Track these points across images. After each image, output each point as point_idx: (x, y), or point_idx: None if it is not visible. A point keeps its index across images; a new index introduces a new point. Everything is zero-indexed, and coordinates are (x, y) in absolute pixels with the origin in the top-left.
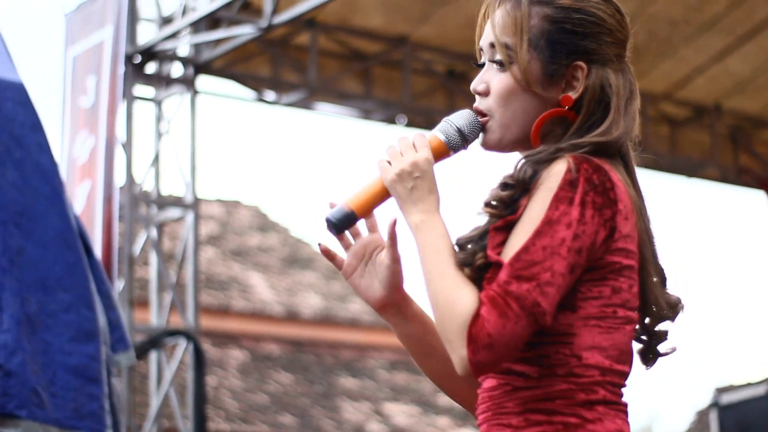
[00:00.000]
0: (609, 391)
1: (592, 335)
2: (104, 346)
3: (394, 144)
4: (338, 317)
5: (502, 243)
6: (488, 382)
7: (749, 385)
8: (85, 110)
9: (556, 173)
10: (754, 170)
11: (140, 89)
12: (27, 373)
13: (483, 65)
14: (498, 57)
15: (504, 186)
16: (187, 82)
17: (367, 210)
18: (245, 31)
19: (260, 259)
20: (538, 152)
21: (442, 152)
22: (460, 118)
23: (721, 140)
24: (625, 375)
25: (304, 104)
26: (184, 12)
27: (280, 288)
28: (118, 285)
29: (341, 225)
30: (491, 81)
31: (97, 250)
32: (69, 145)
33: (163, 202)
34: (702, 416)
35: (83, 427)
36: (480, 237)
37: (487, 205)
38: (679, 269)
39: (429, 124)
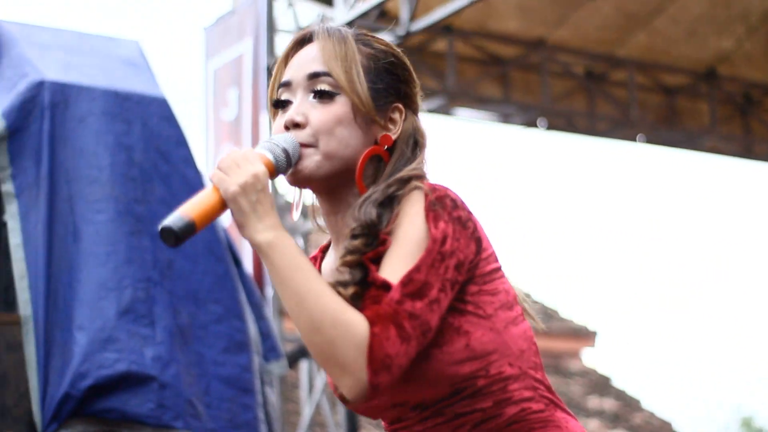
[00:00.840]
0: (545, 391)
1: (514, 340)
2: (256, 356)
3: (225, 157)
4: None
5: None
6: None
7: None
8: (227, 123)
9: (416, 200)
10: None
11: None
12: (181, 385)
13: (284, 102)
14: (322, 87)
15: (354, 236)
16: None
17: (206, 221)
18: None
19: None
20: (370, 194)
21: (269, 172)
22: (285, 140)
23: None
24: (541, 369)
25: (444, 110)
26: (321, 22)
27: None
28: (269, 295)
29: (182, 234)
30: (310, 113)
31: (248, 262)
32: (213, 158)
33: (308, 212)
34: None
35: None
36: (350, 273)
37: (347, 254)
38: None
39: (569, 126)
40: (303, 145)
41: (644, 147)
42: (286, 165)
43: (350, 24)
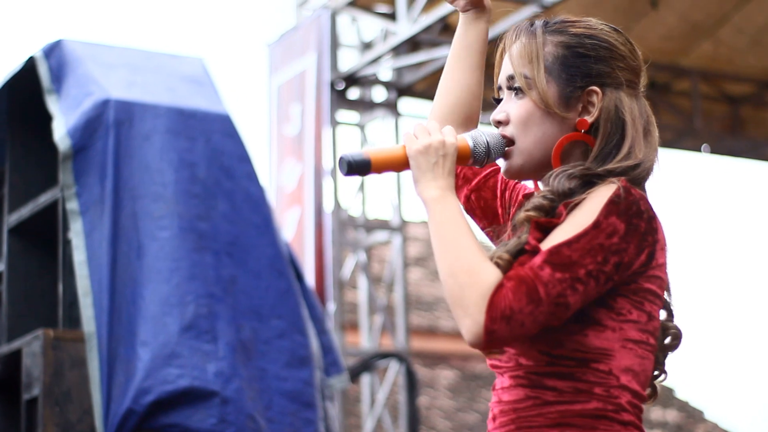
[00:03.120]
0: (635, 415)
1: (629, 358)
2: (318, 371)
3: (425, 123)
4: None
5: (541, 240)
6: (512, 394)
7: None
8: (290, 138)
9: (604, 192)
10: None
11: (344, 115)
12: (244, 400)
13: (498, 101)
14: (516, 85)
15: (543, 197)
16: (390, 106)
17: (381, 167)
18: (446, 53)
19: None
20: (569, 167)
21: (464, 156)
22: (491, 135)
23: None
24: (644, 402)
25: None
26: (384, 37)
27: None
28: (331, 309)
29: (354, 168)
30: (510, 109)
31: (310, 276)
32: (276, 173)
33: (371, 226)
34: None
35: None
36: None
37: (530, 209)
38: None
39: None
40: (506, 140)
41: (709, 157)
42: (485, 156)
43: (413, 38)
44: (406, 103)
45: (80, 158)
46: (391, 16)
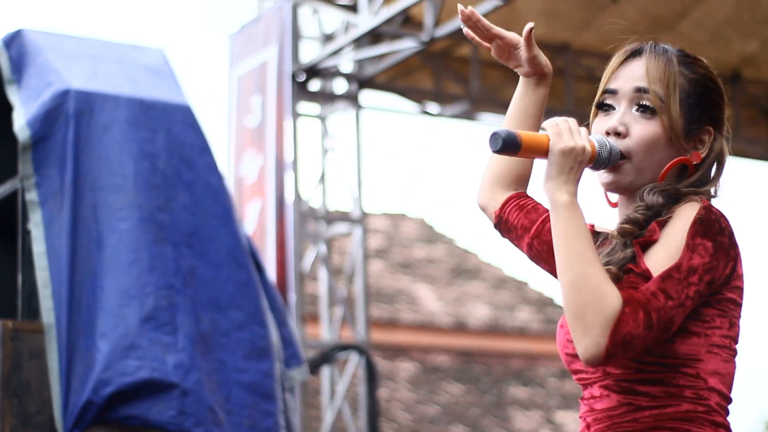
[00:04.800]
0: (723, 417)
1: (716, 362)
2: (278, 363)
3: (566, 120)
4: (506, 327)
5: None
6: (604, 402)
7: None
8: (251, 130)
9: (690, 211)
10: None
11: (305, 107)
12: (203, 392)
13: (607, 107)
14: (646, 103)
15: (637, 212)
16: (351, 98)
17: (526, 150)
18: (407, 46)
19: (427, 270)
20: (663, 185)
21: (590, 159)
22: (611, 143)
23: None
24: (730, 404)
25: (468, 115)
26: (346, 29)
27: (447, 299)
28: (291, 301)
29: (505, 144)
30: (632, 125)
31: (271, 268)
32: (235, 165)
33: (331, 218)
34: None
35: None
36: (611, 251)
37: (626, 223)
38: None
39: None
40: (622, 155)
41: None
42: (604, 162)
43: (375, 30)
44: (367, 95)
45: (40, 149)
46: (353, 8)
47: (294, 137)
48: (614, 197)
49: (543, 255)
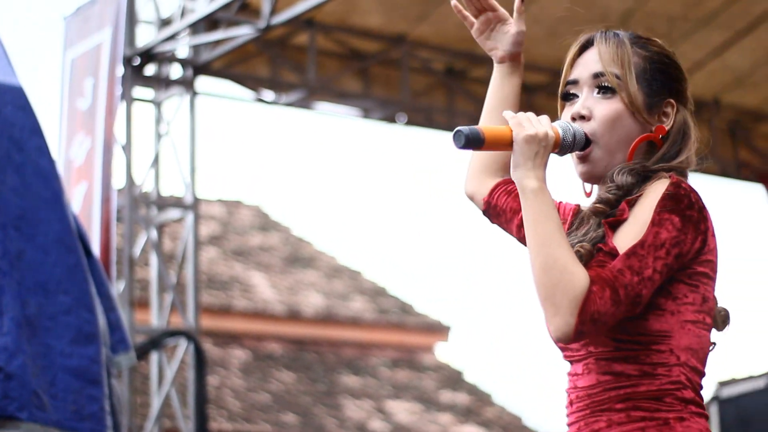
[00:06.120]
0: (696, 392)
1: (688, 337)
2: (104, 348)
3: (523, 113)
4: (340, 316)
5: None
6: (585, 380)
7: (750, 378)
8: (82, 112)
9: (660, 188)
10: (754, 164)
11: (139, 91)
12: (27, 376)
13: (570, 96)
14: (606, 84)
15: (609, 191)
16: (186, 84)
17: (491, 144)
18: (244, 32)
19: (262, 258)
20: (632, 164)
21: (554, 145)
22: (575, 127)
23: (720, 135)
24: (703, 377)
25: (303, 104)
26: (182, 14)
27: (281, 287)
28: (118, 286)
29: (468, 141)
30: (594, 107)
31: (96, 252)
32: (66, 147)
33: (163, 203)
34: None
35: (83, 428)
36: (586, 231)
37: (598, 202)
38: None
39: (429, 122)
40: (587, 138)
41: None
42: (569, 146)
43: (211, 15)
44: (202, 82)
45: None
46: None
47: (128, 121)
48: (590, 188)
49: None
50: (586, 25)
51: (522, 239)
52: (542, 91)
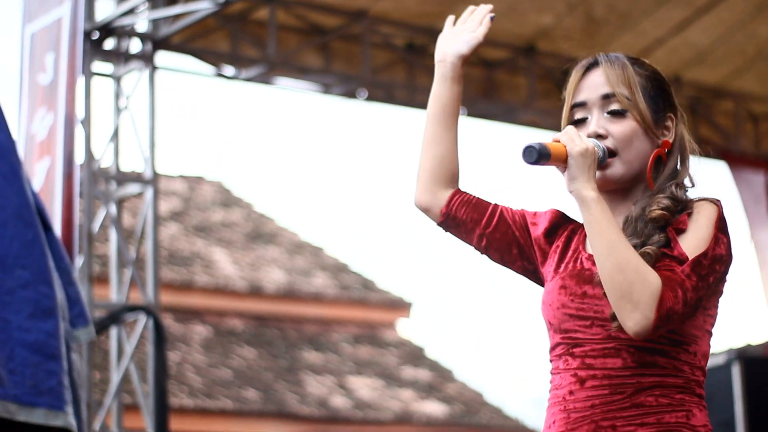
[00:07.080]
0: (703, 390)
1: (706, 344)
2: (63, 322)
3: (569, 130)
4: (301, 292)
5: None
6: (609, 362)
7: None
8: (43, 87)
9: (708, 207)
10: (715, 141)
11: (99, 65)
12: None
13: (580, 121)
14: (616, 107)
15: (670, 200)
16: (146, 58)
17: (554, 160)
18: (203, 6)
19: (223, 234)
20: (679, 181)
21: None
22: (601, 144)
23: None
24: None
25: (264, 79)
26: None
27: (243, 263)
28: (78, 261)
29: (540, 156)
30: (608, 127)
31: (58, 228)
32: (27, 123)
33: (123, 178)
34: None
35: (42, 403)
36: (647, 234)
37: (662, 210)
38: None
39: (389, 98)
40: (609, 152)
41: (465, 119)
42: (601, 160)
43: None
44: (162, 56)
45: None
46: None
47: (87, 96)
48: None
49: (494, 245)
50: (546, 1)
51: (483, 248)
52: (502, 66)
